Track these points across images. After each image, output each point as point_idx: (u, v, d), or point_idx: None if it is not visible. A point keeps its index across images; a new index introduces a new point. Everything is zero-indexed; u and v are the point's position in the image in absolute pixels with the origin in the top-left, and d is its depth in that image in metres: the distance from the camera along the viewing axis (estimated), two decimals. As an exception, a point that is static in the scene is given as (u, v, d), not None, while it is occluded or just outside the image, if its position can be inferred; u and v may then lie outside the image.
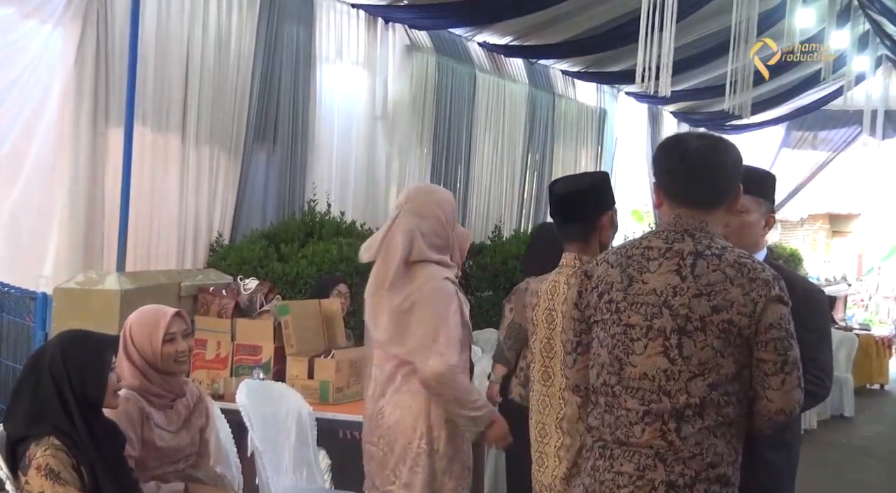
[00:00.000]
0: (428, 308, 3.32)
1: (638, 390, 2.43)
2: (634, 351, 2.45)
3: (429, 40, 9.58)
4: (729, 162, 2.54)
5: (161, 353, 3.53)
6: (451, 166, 9.96)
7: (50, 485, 2.96)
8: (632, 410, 2.43)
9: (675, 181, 2.54)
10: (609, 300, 2.52)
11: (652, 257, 2.49)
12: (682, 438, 2.38)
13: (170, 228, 6.83)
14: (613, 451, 2.46)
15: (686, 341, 2.39)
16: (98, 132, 6.23)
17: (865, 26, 13.25)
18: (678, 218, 2.51)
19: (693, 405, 2.38)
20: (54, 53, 6.08)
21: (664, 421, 2.40)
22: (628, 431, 2.44)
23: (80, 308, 5.07)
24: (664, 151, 2.59)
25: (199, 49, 6.93)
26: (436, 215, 3.45)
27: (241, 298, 5.48)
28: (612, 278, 2.53)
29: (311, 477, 4.55)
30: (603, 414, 2.51)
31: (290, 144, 7.80)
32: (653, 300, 2.44)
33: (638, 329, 2.45)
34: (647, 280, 2.47)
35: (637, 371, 2.43)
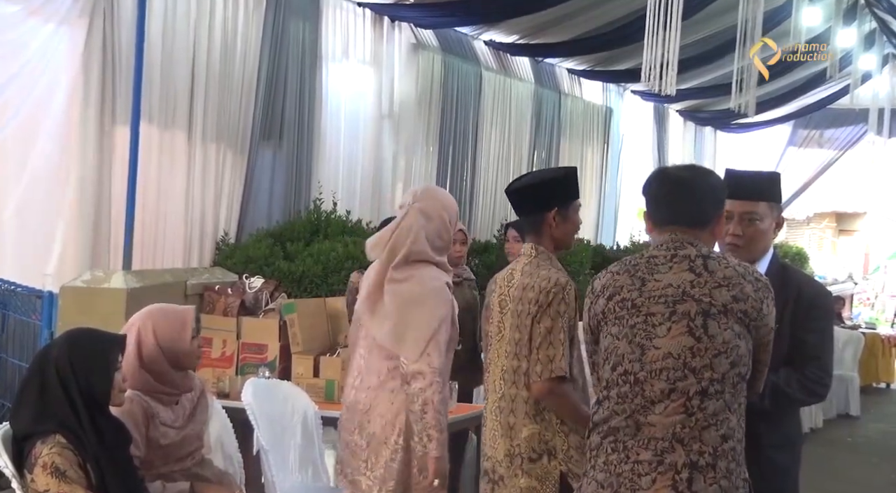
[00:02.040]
0: (427, 310, 3.42)
1: (662, 371, 2.48)
2: (657, 335, 2.51)
3: (435, 39, 9.58)
4: (707, 187, 2.69)
5: (189, 347, 3.57)
6: (456, 165, 9.96)
7: (56, 483, 2.96)
8: (656, 391, 2.47)
9: (658, 207, 2.69)
10: (622, 300, 2.58)
11: (659, 263, 2.60)
12: (703, 410, 2.45)
13: (176, 227, 6.84)
14: (626, 443, 2.49)
15: (711, 322, 2.48)
16: (105, 130, 6.25)
17: (872, 24, 13.22)
18: (673, 234, 2.63)
19: (716, 381, 2.46)
20: (60, 51, 6.10)
21: (689, 397, 2.46)
22: (648, 410, 2.48)
23: (87, 306, 5.08)
24: (648, 181, 2.75)
25: (206, 47, 6.94)
26: (441, 218, 3.56)
27: (247, 296, 5.50)
28: (620, 282, 2.61)
29: (317, 476, 4.55)
30: (614, 406, 2.54)
31: (296, 142, 7.81)
32: (671, 292, 2.53)
33: (660, 316, 2.52)
34: (659, 279, 2.56)
35: (661, 353, 2.49)
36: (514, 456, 3.23)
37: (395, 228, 3.54)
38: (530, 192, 3.38)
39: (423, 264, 3.49)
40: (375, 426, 3.46)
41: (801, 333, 3.01)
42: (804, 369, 3.01)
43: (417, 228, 3.50)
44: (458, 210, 3.70)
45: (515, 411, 3.23)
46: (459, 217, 3.90)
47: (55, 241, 6.15)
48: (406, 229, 3.51)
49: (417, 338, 3.39)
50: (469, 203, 10.14)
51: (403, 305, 3.44)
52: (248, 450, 4.25)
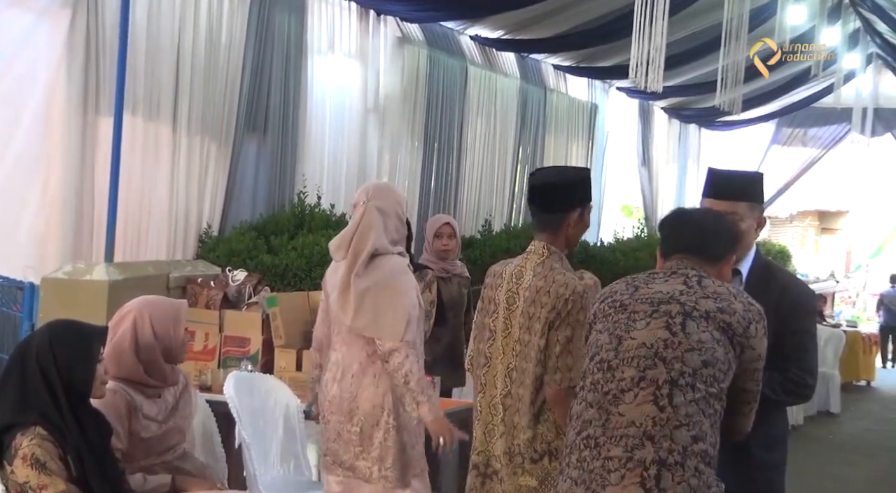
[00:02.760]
0: (391, 288, 3.62)
1: (634, 359, 2.53)
2: (636, 327, 2.57)
3: (420, 33, 9.56)
4: (724, 229, 2.82)
5: (182, 340, 3.59)
6: (441, 160, 9.95)
7: (35, 475, 2.95)
8: (626, 378, 2.51)
9: (671, 239, 2.80)
10: (613, 301, 2.68)
11: (657, 277, 2.70)
12: (674, 406, 2.45)
13: (159, 219, 6.80)
14: (598, 439, 2.50)
15: (690, 322, 2.54)
16: (88, 122, 6.21)
17: (856, 23, 13.29)
18: (679, 260, 2.73)
19: (686, 374, 2.48)
20: (42, 42, 6.05)
21: (658, 386, 2.47)
22: (618, 400, 2.50)
23: (68, 298, 5.05)
24: (668, 218, 2.88)
25: (190, 39, 6.90)
26: (396, 213, 3.77)
27: (230, 289, 5.48)
28: (616, 287, 2.73)
29: (299, 469, 4.54)
30: (587, 395, 2.58)
31: (281, 135, 7.78)
32: (659, 296, 2.62)
33: (642, 313, 2.60)
34: (652, 287, 2.66)
35: (635, 342, 2.55)
36: (515, 455, 3.25)
37: (356, 227, 3.72)
38: (561, 190, 3.33)
39: (385, 256, 3.69)
40: (364, 410, 3.61)
41: (785, 333, 2.99)
42: (787, 371, 3.00)
43: (377, 226, 3.68)
44: (405, 201, 3.92)
45: (520, 410, 3.24)
46: (449, 212, 4.03)
47: (37, 232, 6.11)
48: (367, 227, 3.69)
49: (391, 320, 3.57)
50: (454, 198, 10.13)
51: (370, 292, 3.61)
52: (231, 444, 4.24)
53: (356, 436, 3.63)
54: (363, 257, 3.65)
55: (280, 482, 4.35)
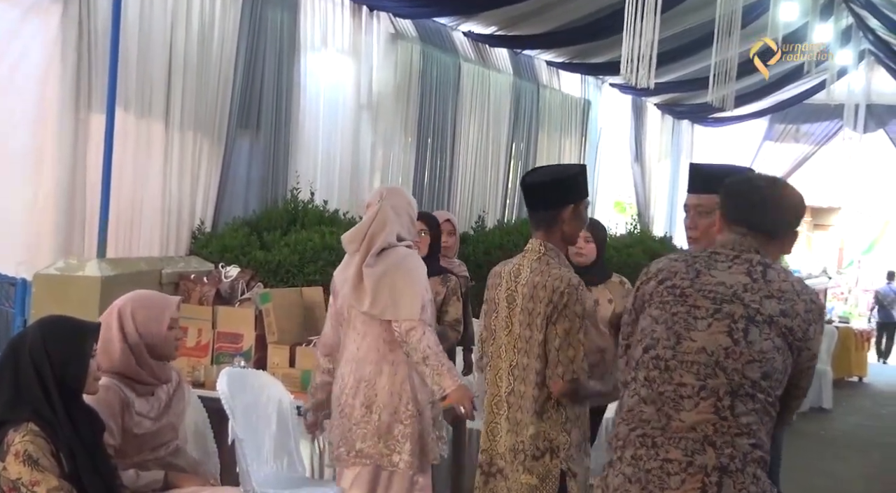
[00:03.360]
0: (404, 271, 3.83)
1: (693, 365, 2.48)
2: (696, 328, 2.51)
3: (413, 29, 9.55)
4: (789, 201, 2.68)
5: (165, 337, 3.57)
6: (435, 156, 9.95)
7: (28, 471, 2.94)
8: (686, 384, 2.48)
9: (737, 207, 2.66)
10: (672, 285, 2.59)
11: (720, 260, 2.59)
12: (735, 415, 2.44)
13: (152, 215, 6.79)
14: (656, 439, 2.49)
15: (752, 329, 2.47)
16: (80, 118, 6.18)
17: (849, 20, 13.32)
18: (743, 237, 2.62)
19: (746, 386, 2.45)
20: (31, 37, 6.03)
21: (719, 397, 2.45)
22: (678, 405, 2.47)
23: (60, 294, 5.05)
24: (734, 182, 2.73)
25: (183, 35, 6.89)
26: (409, 214, 4.02)
27: (223, 285, 5.48)
28: (676, 268, 2.62)
29: (292, 466, 4.55)
30: (641, 390, 2.55)
31: (274, 131, 7.77)
32: (722, 290, 2.52)
33: (704, 310, 2.51)
34: (714, 275, 2.56)
35: (695, 346, 2.49)
36: (518, 452, 3.27)
37: (370, 223, 3.93)
38: (552, 187, 3.35)
39: (393, 248, 3.91)
40: (383, 399, 3.79)
41: None
42: None
43: (391, 222, 3.91)
44: (415, 204, 4.15)
45: (523, 407, 3.27)
46: (442, 209, 4.15)
47: (29, 228, 6.09)
48: (381, 223, 3.91)
49: (408, 301, 3.77)
50: (447, 195, 10.13)
51: (385, 277, 3.81)
52: (223, 440, 4.24)
53: (375, 425, 3.77)
54: (375, 249, 3.85)
55: (273, 478, 4.36)
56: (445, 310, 5.03)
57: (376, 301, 3.80)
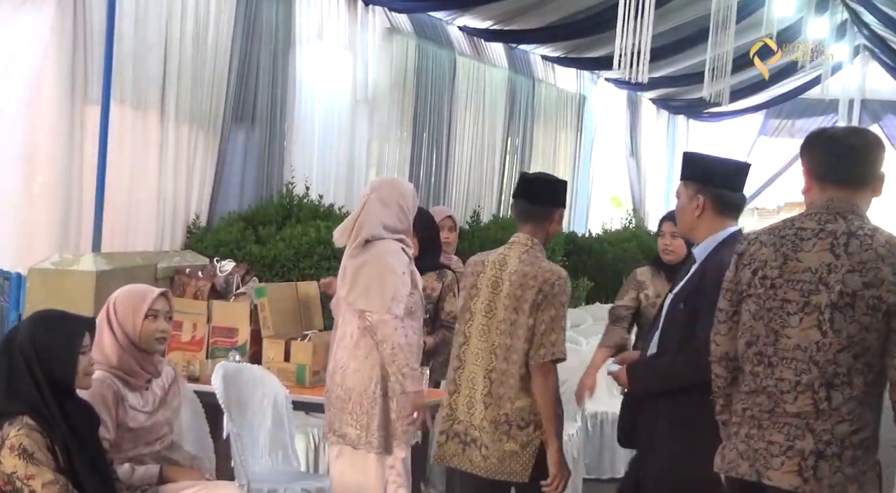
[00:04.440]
0: (381, 264, 3.85)
1: (791, 361, 2.68)
2: (790, 324, 2.69)
3: (409, 24, 9.54)
4: (870, 146, 2.80)
5: (142, 328, 3.53)
6: (430, 150, 9.94)
7: (23, 465, 2.95)
8: (785, 379, 2.69)
9: (823, 164, 2.79)
10: (763, 277, 2.75)
11: (805, 238, 2.72)
12: (833, 407, 2.64)
13: (147, 210, 6.78)
14: (762, 422, 2.73)
15: (837, 315, 2.63)
16: (75, 111, 6.17)
17: (843, 15, 13.33)
18: (830, 201, 2.74)
19: (841, 374, 2.63)
20: (26, 29, 6.01)
21: (815, 390, 2.65)
22: (779, 399, 2.70)
23: (55, 289, 5.04)
24: (813, 139, 2.87)
25: (178, 28, 6.87)
26: (398, 204, 3.99)
27: (218, 280, 5.47)
28: (765, 256, 2.77)
29: (287, 460, 4.55)
30: (750, 382, 2.77)
31: (269, 125, 7.76)
32: (808, 277, 2.68)
33: (794, 304, 2.69)
34: (801, 259, 2.70)
35: (791, 342, 2.68)
36: (501, 424, 3.52)
37: (357, 216, 3.99)
38: (551, 187, 3.71)
39: (379, 240, 3.93)
40: (354, 380, 3.85)
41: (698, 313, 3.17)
42: (685, 348, 3.19)
43: (375, 214, 3.93)
44: (416, 197, 4.13)
45: (506, 383, 3.52)
46: (439, 204, 4.14)
47: (24, 222, 6.09)
48: (366, 215, 3.95)
49: (379, 293, 3.80)
50: (443, 189, 10.13)
51: (363, 266, 3.87)
52: (219, 434, 4.24)
53: (347, 403, 3.86)
54: (360, 240, 3.91)
55: (268, 473, 4.36)
56: (442, 306, 5.04)
57: (352, 290, 3.89)
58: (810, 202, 2.81)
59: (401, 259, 3.92)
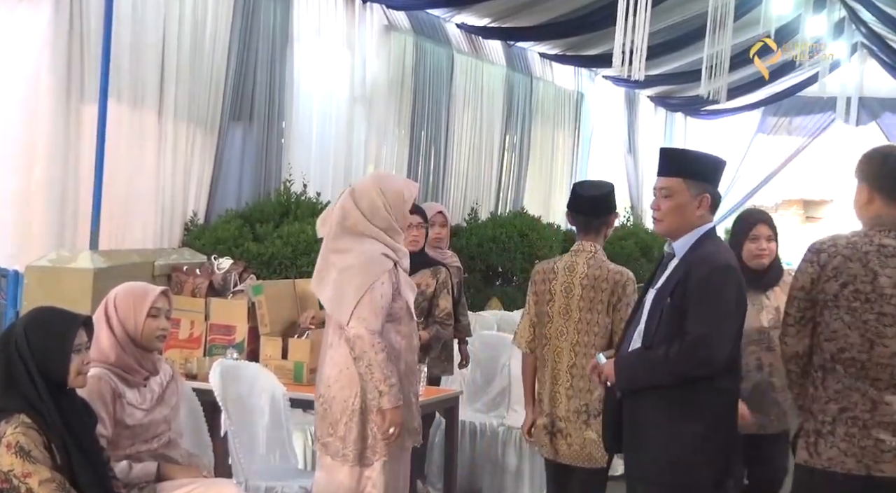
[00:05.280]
0: (360, 276, 3.70)
1: (887, 367, 2.96)
2: (886, 334, 2.96)
3: (407, 21, 9.54)
4: None
5: (143, 326, 3.54)
6: (428, 148, 9.93)
7: (20, 463, 2.94)
8: (881, 379, 2.96)
9: (890, 183, 3.04)
10: (855, 290, 2.98)
11: (889, 255, 2.99)
12: None
13: (144, 207, 6.78)
14: (866, 421, 2.97)
15: None
16: (72, 108, 6.17)
17: (841, 13, 13.32)
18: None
19: None
20: (23, 27, 6.01)
21: None
22: (878, 397, 2.96)
23: (52, 286, 5.05)
24: (882, 156, 3.12)
25: (176, 26, 6.87)
26: (371, 198, 3.79)
27: (215, 277, 5.47)
28: (854, 271, 3.00)
29: (285, 458, 4.56)
30: (844, 380, 3.00)
31: (267, 123, 7.75)
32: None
33: (891, 318, 2.96)
34: (890, 275, 2.97)
35: (888, 351, 2.96)
36: (582, 413, 3.98)
37: (334, 207, 3.90)
38: (605, 199, 4.13)
39: (366, 237, 3.77)
40: (333, 390, 3.77)
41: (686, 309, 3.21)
42: (673, 344, 3.21)
43: (345, 204, 3.80)
44: (400, 192, 3.87)
45: (585, 377, 3.91)
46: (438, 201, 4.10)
47: (21, 220, 6.08)
48: (339, 208, 3.83)
49: (352, 303, 3.66)
50: (440, 187, 10.12)
51: (340, 273, 3.74)
52: (216, 432, 4.25)
53: (328, 414, 3.77)
54: (334, 230, 3.82)
55: (266, 470, 4.36)
56: (436, 303, 5.04)
57: (325, 292, 3.80)
58: (875, 215, 3.04)
59: (379, 268, 3.73)
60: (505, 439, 5.73)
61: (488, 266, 9.31)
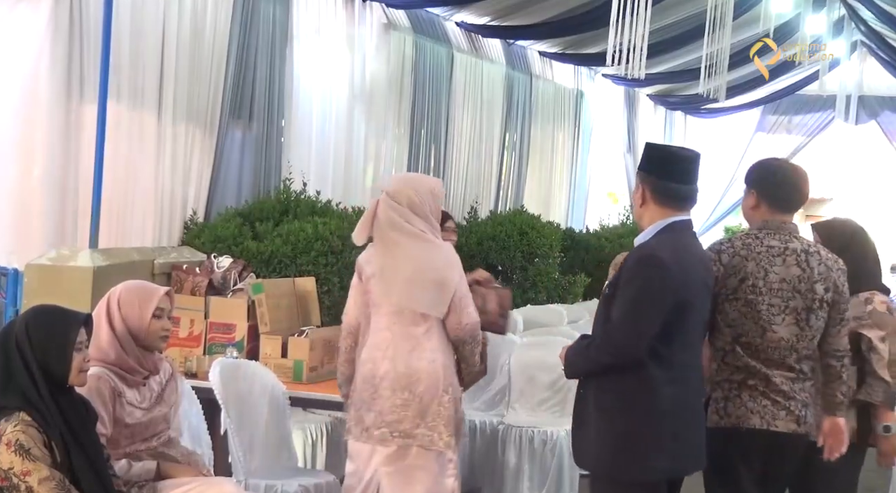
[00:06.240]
0: (456, 276, 3.93)
1: (776, 349, 3.47)
2: (775, 322, 3.46)
3: (406, 19, 9.54)
4: (807, 181, 3.67)
5: (149, 326, 3.55)
6: (428, 146, 9.94)
7: (20, 461, 2.95)
8: (772, 360, 3.48)
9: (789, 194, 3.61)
10: (751, 284, 3.46)
11: (776, 254, 3.50)
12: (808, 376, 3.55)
13: (144, 205, 6.78)
14: (763, 390, 3.47)
15: (811, 316, 3.49)
16: (71, 108, 6.16)
17: (841, 11, 13.32)
18: (784, 223, 3.57)
19: (812, 357, 3.56)
20: (23, 27, 6.00)
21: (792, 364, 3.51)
22: (770, 374, 3.47)
23: (52, 284, 5.05)
24: (766, 169, 3.66)
25: (175, 25, 6.86)
26: (423, 198, 3.93)
27: (215, 276, 5.48)
28: (749, 268, 3.48)
29: (284, 455, 4.56)
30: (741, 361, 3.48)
31: (266, 121, 7.75)
32: (785, 287, 3.48)
33: (777, 308, 3.46)
34: (777, 272, 3.47)
35: (776, 336, 3.47)
36: None
37: (373, 215, 3.92)
38: None
39: (429, 234, 3.92)
40: (424, 383, 3.84)
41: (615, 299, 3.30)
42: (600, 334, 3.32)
43: (401, 209, 3.88)
44: (431, 189, 4.00)
45: None
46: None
47: (21, 218, 6.08)
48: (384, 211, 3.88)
49: (460, 302, 3.89)
50: (440, 185, 10.11)
51: (438, 279, 3.87)
52: (216, 430, 4.25)
53: (417, 405, 3.82)
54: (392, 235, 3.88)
55: (265, 468, 4.37)
56: None
57: (419, 296, 3.91)
58: (762, 220, 3.56)
59: (458, 260, 4.01)
60: (505, 437, 5.73)
61: (488, 265, 9.31)
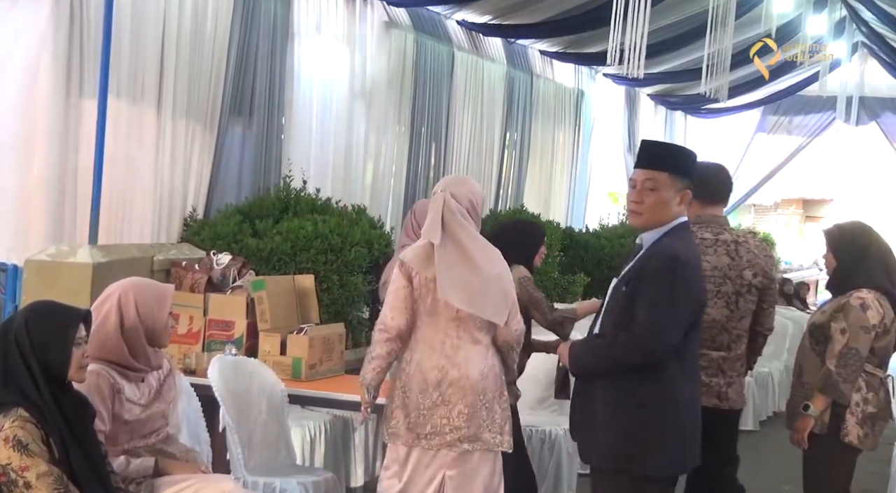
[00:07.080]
0: (508, 282, 4.00)
1: (709, 329, 3.97)
2: (707, 305, 3.73)
3: (407, 17, 9.53)
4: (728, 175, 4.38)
5: (165, 323, 3.60)
6: (428, 145, 9.93)
7: (18, 457, 2.94)
8: (706, 339, 3.89)
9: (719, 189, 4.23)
10: None
11: (708, 245, 4.06)
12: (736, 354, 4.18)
13: (143, 202, 6.77)
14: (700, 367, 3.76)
15: (740, 299, 4.11)
16: (71, 104, 6.15)
17: (842, 12, 13.31)
18: (715, 216, 4.15)
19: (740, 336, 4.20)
20: (22, 22, 5.99)
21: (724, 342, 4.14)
22: (704, 352, 3.92)
23: (51, 280, 5.04)
24: (702, 172, 3.80)
25: (175, 21, 6.85)
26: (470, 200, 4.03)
27: (214, 273, 5.47)
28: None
29: (283, 453, 4.56)
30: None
31: (267, 119, 7.75)
32: (717, 273, 4.06)
33: (710, 293, 3.87)
34: (709, 260, 4.01)
35: (709, 318, 3.87)
36: None
37: (442, 211, 3.92)
38: None
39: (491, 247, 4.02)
40: (490, 389, 3.94)
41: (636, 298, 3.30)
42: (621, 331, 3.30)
43: (462, 210, 3.95)
44: (482, 194, 4.16)
45: None
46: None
47: (20, 214, 6.08)
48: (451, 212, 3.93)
49: (511, 308, 3.97)
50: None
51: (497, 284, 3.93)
52: (215, 427, 4.25)
53: (483, 410, 3.89)
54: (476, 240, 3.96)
55: (264, 466, 4.37)
56: None
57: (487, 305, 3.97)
58: (695, 216, 3.93)
59: None
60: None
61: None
